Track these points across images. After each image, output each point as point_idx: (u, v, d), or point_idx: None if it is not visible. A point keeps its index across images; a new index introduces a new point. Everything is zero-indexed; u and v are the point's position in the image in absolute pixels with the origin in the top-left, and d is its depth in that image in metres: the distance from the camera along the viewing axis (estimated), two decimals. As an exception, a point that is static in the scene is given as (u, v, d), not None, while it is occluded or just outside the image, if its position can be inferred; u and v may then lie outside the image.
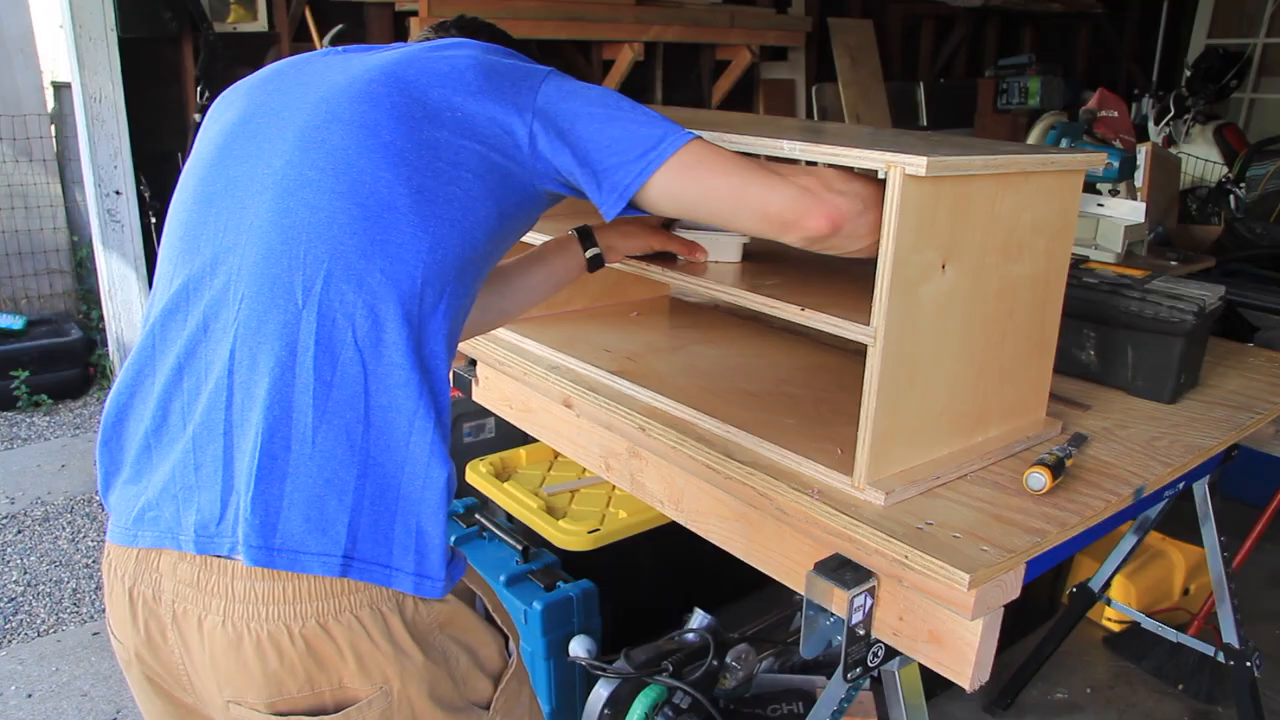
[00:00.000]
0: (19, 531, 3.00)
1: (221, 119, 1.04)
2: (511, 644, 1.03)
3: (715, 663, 1.83)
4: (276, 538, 0.87)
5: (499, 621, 1.01)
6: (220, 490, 0.90)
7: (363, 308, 0.90)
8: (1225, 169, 4.84)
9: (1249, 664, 1.83)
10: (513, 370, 1.59)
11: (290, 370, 0.89)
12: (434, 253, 0.92)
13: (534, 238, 1.40)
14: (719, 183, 1.00)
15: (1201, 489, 1.73)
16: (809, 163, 1.10)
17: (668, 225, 1.36)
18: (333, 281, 0.90)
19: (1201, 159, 5.03)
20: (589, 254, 1.30)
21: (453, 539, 2.17)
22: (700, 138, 1.02)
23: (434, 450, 0.92)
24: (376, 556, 0.89)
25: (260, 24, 4.01)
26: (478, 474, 2.33)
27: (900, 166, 0.98)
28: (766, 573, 1.23)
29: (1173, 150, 4.71)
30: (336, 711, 0.90)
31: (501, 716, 1.00)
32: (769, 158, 1.11)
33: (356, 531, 0.88)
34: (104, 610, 2.11)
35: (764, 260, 1.40)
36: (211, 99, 1.41)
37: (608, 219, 1.01)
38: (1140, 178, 3.07)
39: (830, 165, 1.07)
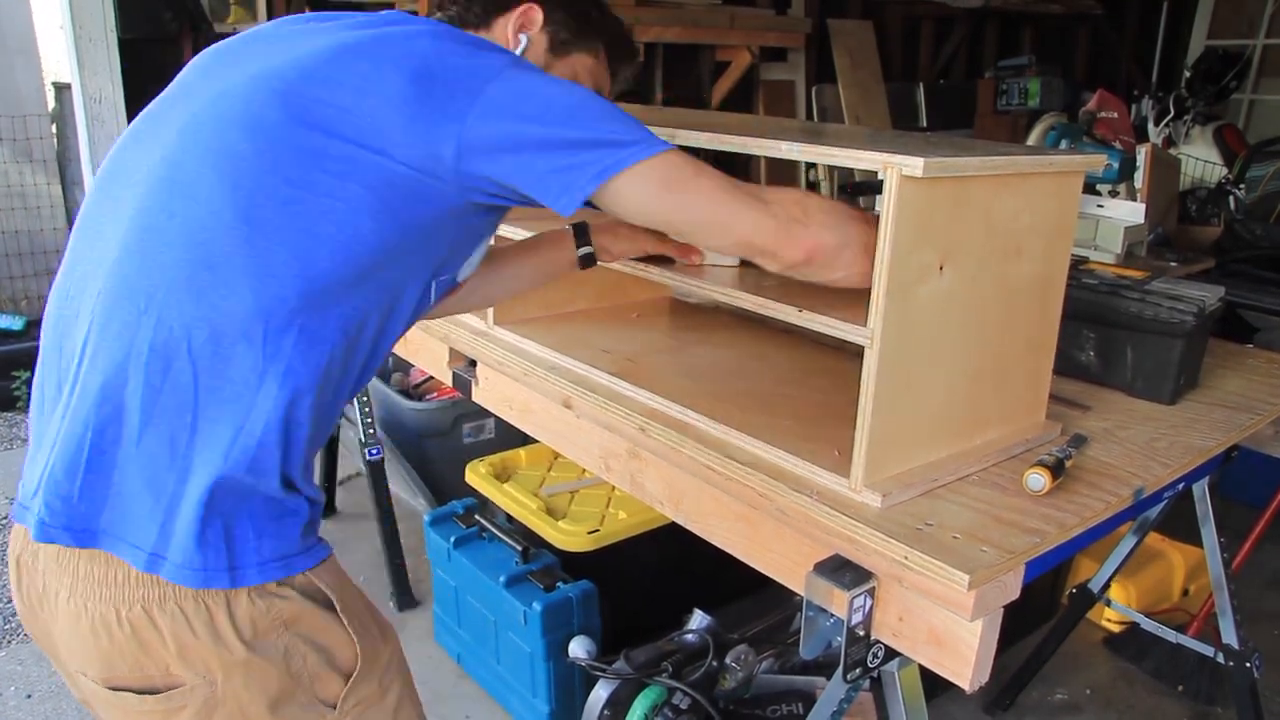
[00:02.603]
0: (19, 532, 3.01)
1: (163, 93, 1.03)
2: (365, 645, 1.01)
3: (715, 664, 1.83)
4: (100, 521, 0.91)
5: (345, 624, 1.00)
6: (41, 470, 0.94)
7: (200, 322, 0.89)
8: (1225, 170, 4.84)
9: (1249, 665, 1.83)
10: (512, 371, 1.59)
11: (124, 371, 0.90)
12: (294, 269, 0.89)
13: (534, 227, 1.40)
14: (692, 200, 0.98)
15: (1201, 490, 1.73)
16: (808, 165, 1.10)
17: None
18: (175, 291, 0.89)
19: (1201, 160, 5.03)
20: (581, 252, 1.30)
21: (452, 539, 2.18)
22: (677, 151, 0.98)
23: (259, 462, 0.91)
24: (188, 560, 0.90)
25: (260, 24, 4.02)
26: (477, 474, 2.33)
27: (897, 167, 0.98)
28: (766, 573, 1.23)
29: (1172, 151, 4.71)
30: (165, 691, 0.93)
31: (352, 719, 1.01)
32: (768, 160, 1.11)
33: (169, 533, 0.91)
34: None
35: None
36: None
37: (564, 215, 0.97)
38: (1140, 179, 3.07)
39: (825, 195, 1.06)
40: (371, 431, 2.50)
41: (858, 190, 4.52)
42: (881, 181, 1.00)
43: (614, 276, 1.65)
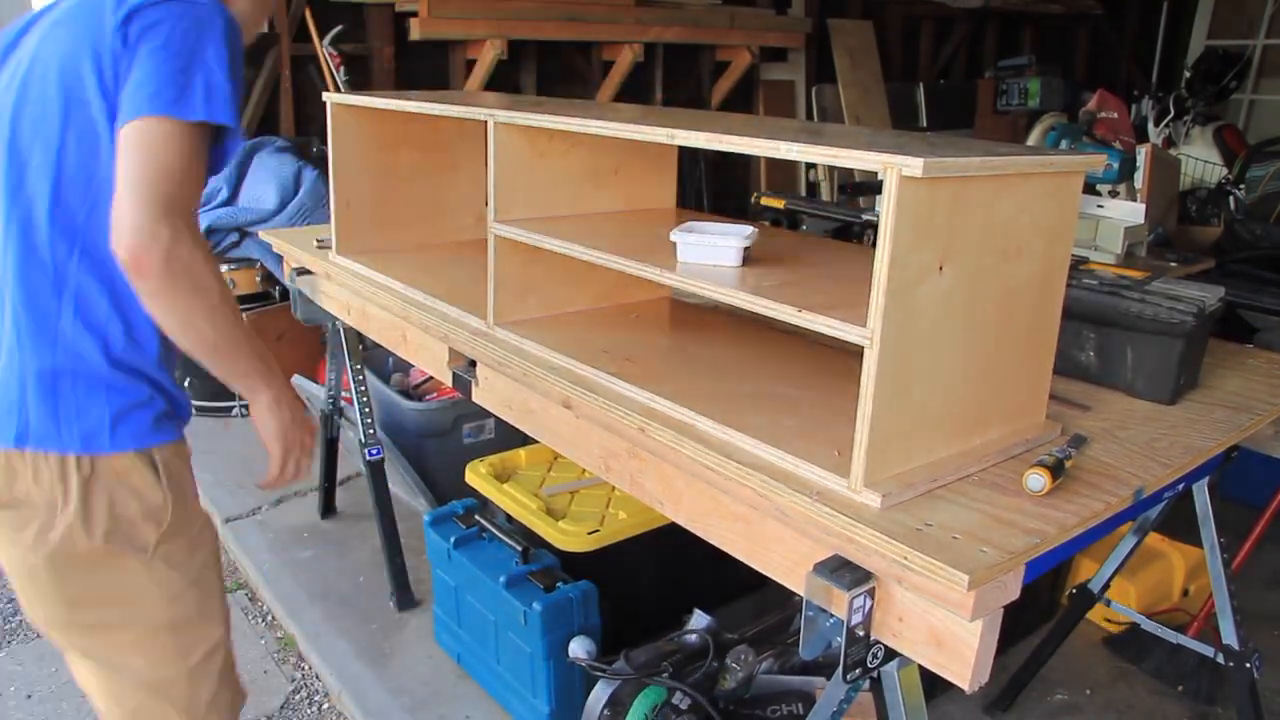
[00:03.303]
0: (19, 532, 3.01)
1: None
2: (177, 508, 1.25)
3: (715, 664, 1.83)
4: None
5: (164, 486, 1.23)
6: None
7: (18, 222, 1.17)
8: (1225, 170, 4.84)
9: (1248, 665, 1.83)
10: (512, 371, 1.59)
11: None
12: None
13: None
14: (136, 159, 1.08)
15: (1201, 490, 1.73)
16: (808, 165, 1.10)
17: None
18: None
19: (1201, 160, 5.03)
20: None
21: (452, 539, 2.18)
22: (176, 121, 1.08)
23: (81, 335, 1.17)
24: (46, 433, 1.18)
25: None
26: (477, 475, 2.33)
27: (897, 168, 0.98)
28: (766, 573, 1.23)
29: (1172, 151, 4.71)
30: (18, 509, 1.20)
31: (163, 561, 1.25)
32: (768, 160, 1.11)
33: (29, 412, 1.18)
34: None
35: (763, 262, 1.40)
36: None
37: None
38: (1140, 179, 3.08)
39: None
40: (371, 432, 2.50)
41: (858, 190, 4.52)
42: (881, 181, 1.00)
43: (614, 276, 1.65)
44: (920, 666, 1.11)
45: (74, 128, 1.13)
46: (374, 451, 2.50)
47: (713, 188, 5.34)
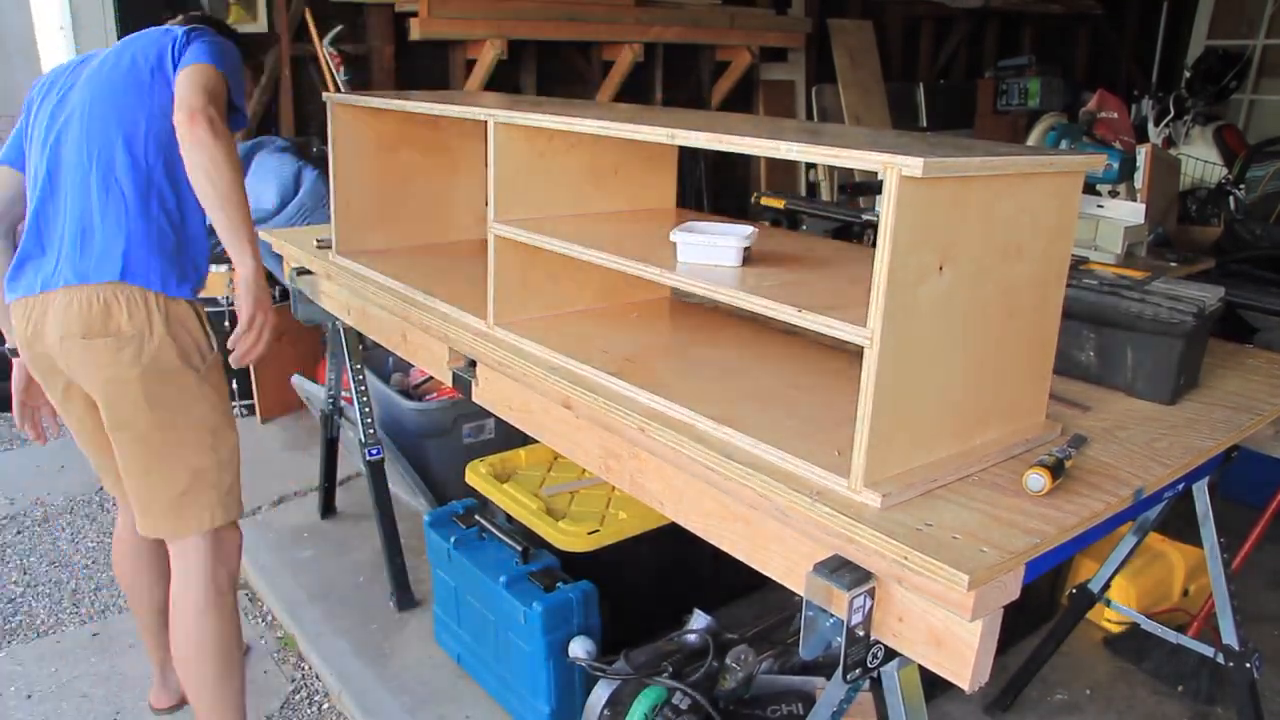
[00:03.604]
0: (19, 532, 3.00)
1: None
2: (211, 345, 1.80)
3: (715, 664, 1.83)
4: (91, 270, 1.69)
5: (206, 329, 1.80)
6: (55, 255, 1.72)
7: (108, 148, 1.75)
8: (1225, 170, 4.84)
9: (1248, 665, 1.83)
10: (512, 371, 1.59)
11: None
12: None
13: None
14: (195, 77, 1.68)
15: (1201, 490, 1.73)
16: (808, 165, 1.11)
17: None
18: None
19: (1201, 160, 5.03)
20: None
21: (452, 540, 2.18)
22: (213, 67, 1.70)
23: (160, 217, 1.74)
24: (139, 272, 1.69)
25: (260, 24, 4.01)
26: (477, 475, 2.33)
27: (897, 168, 0.98)
28: (766, 574, 1.23)
29: (1172, 151, 4.71)
30: (115, 336, 1.69)
31: (207, 380, 1.78)
32: (768, 160, 1.11)
33: (128, 260, 1.69)
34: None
35: (763, 262, 1.40)
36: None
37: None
38: (1140, 179, 3.08)
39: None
40: (371, 432, 2.50)
41: (858, 190, 4.52)
42: (881, 181, 1.00)
43: (614, 276, 1.65)
44: (920, 666, 1.11)
45: (150, 94, 1.73)
46: (374, 451, 2.50)
47: (713, 188, 5.34)
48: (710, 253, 1.36)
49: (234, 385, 3.62)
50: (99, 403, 1.75)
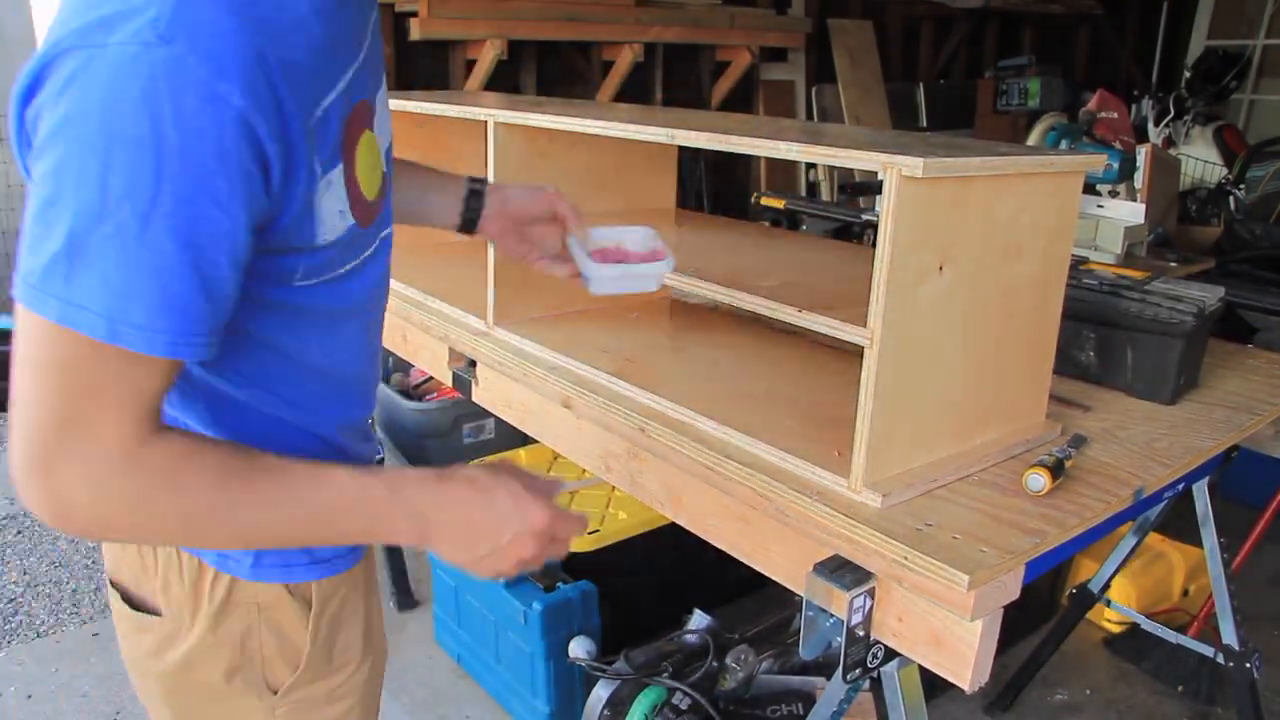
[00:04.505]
0: (19, 532, 3.00)
1: None
2: (318, 651, 1.01)
3: (715, 664, 1.83)
4: None
5: (309, 626, 1.00)
6: None
7: None
8: (1225, 170, 4.84)
9: (1248, 665, 1.83)
10: (512, 371, 1.59)
11: None
12: None
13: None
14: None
15: (1201, 490, 1.73)
16: (808, 165, 1.11)
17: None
18: None
19: (1201, 160, 5.03)
20: (464, 218, 1.29)
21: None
22: (57, 326, 0.69)
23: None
24: None
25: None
26: (477, 475, 2.32)
27: (897, 168, 0.98)
28: (766, 573, 1.23)
29: (1172, 151, 4.71)
30: (142, 611, 1.01)
31: (293, 708, 1.02)
32: (768, 160, 1.11)
33: None
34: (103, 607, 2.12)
35: (763, 262, 1.40)
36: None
37: None
38: (1140, 179, 3.08)
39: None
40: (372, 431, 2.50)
41: (858, 190, 4.52)
42: (881, 181, 1.00)
43: (614, 277, 1.65)
44: (920, 666, 1.11)
45: None
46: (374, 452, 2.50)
47: (713, 188, 5.34)
48: (632, 283, 1.31)
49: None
50: None
